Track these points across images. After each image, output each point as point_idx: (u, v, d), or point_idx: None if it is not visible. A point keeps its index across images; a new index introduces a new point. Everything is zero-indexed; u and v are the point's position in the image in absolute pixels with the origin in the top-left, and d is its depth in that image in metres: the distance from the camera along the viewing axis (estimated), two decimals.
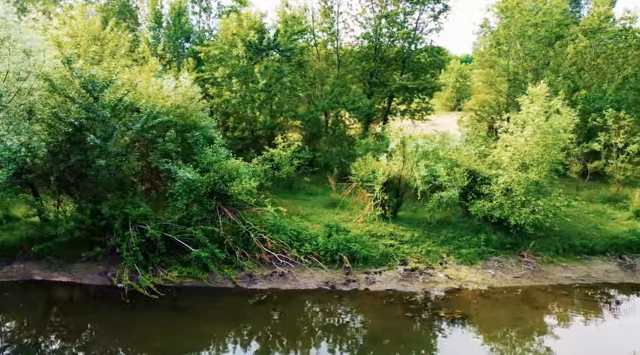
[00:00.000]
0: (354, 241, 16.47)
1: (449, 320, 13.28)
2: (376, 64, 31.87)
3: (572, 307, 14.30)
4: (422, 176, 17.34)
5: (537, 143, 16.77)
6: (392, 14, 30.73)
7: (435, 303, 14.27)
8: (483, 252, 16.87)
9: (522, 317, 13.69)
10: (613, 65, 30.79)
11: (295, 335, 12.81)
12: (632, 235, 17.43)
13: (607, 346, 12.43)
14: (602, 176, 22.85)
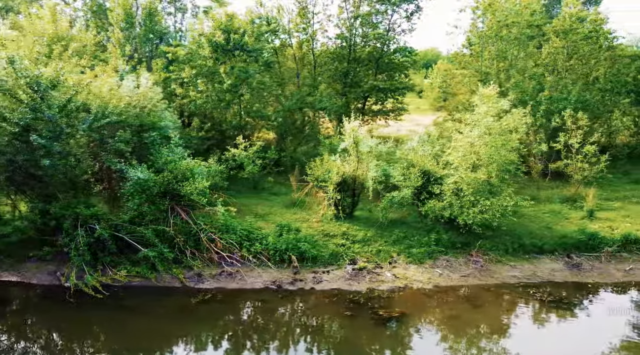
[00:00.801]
0: (303, 241, 16.62)
1: (386, 319, 13.43)
2: (350, 64, 32.05)
3: (511, 306, 14.50)
4: (374, 176, 17.49)
5: (486, 144, 16.95)
6: (365, 14, 30.93)
7: (377, 302, 14.43)
8: (433, 252, 17.04)
9: (459, 315, 13.87)
10: (586, 67, 31.11)
11: (231, 334, 12.96)
12: (580, 234, 17.62)
13: (537, 344, 12.61)
14: (563, 176, 23.04)
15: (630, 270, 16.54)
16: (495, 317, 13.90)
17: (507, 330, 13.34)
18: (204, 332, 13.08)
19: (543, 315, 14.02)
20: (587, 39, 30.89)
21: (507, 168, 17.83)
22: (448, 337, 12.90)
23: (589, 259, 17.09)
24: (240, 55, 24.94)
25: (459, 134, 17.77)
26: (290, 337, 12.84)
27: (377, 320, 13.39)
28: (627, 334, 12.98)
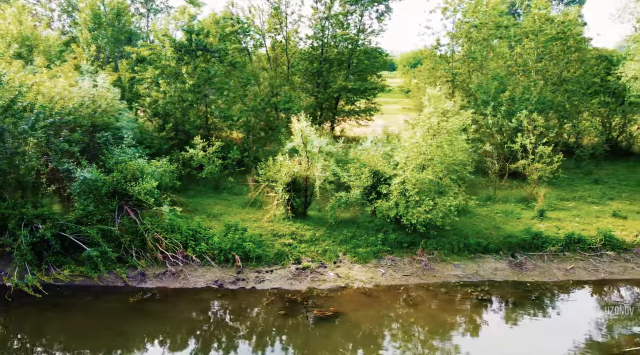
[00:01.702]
0: (248, 240, 16.74)
1: (319, 318, 13.58)
2: (320, 65, 32.21)
3: (446, 304, 14.67)
4: (321, 176, 17.63)
5: (430, 144, 17.12)
6: (334, 15, 31.10)
7: (314, 301, 14.57)
8: (378, 251, 17.19)
9: (392, 314, 14.04)
10: (557, 68, 31.36)
11: (161, 333, 13.08)
12: (525, 234, 17.81)
13: (463, 342, 12.79)
14: (522, 176, 23.23)
15: (572, 269, 16.75)
16: (428, 316, 14.06)
17: (437, 328, 13.50)
18: (136, 330, 13.19)
19: (474, 314, 14.20)
20: (556, 39, 31.15)
21: (454, 168, 18.01)
22: (377, 335, 13.05)
23: (532, 258, 17.29)
24: (204, 55, 25.02)
25: (405, 135, 17.93)
26: (217, 337, 12.96)
27: (309, 320, 13.54)
28: (549, 332, 13.18)
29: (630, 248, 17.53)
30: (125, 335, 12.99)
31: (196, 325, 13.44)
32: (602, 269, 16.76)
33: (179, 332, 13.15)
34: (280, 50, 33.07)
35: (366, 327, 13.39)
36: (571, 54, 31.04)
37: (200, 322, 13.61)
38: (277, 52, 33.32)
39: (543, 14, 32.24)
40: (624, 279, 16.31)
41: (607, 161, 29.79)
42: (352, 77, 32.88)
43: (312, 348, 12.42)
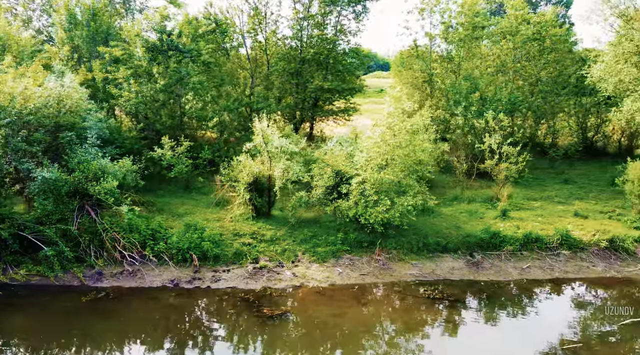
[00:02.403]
0: (207, 240, 16.83)
1: (268, 317, 13.68)
2: (299, 64, 32.27)
3: (397, 303, 14.80)
4: (282, 176, 17.74)
5: (389, 144, 17.24)
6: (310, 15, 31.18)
7: (267, 300, 14.67)
8: (337, 251, 17.31)
9: (342, 312, 14.15)
10: (535, 68, 31.56)
11: (113, 331, 13.16)
12: (484, 233, 17.95)
13: (409, 340, 12.92)
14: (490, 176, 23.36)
15: (528, 268, 16.91)
16: (376, 314, 14.19)
17: (383, 326, 13.63)
18: (87, 329, 13.25)
19: (423, 312, 14.33)
20: (532, 40, 31.33)
21: (415, 168, 18.14)
22: (323, 334, 13.15)
23: (490, 257, 17.44)
24: (176, 55, 25.07)
25: (366, 135, 18.05)
26: (163, 335, 13.03)
27: (258, 319, 13.64)
28: (491, 330, 13.33)
29: (587, 247, 17.69)
30: (75, 334, 13.05)
31: (146, 324, 13.53)
32: (558, 268, 16.92)
33: (128, 331, 13.23)
34: (259, 50, 33.16)
35: (312, 325, 13.51)
36: (548, 55, 31.20)
37: (150, 321, 13.69)
38: (256, 52, 33.42)
39: (520, 15, 32.46)
40: (578, 277, 16.49)
41: (581, 161, 30.02)
42: (330, 77, 32.97)
43: (254, 346, 12.52)
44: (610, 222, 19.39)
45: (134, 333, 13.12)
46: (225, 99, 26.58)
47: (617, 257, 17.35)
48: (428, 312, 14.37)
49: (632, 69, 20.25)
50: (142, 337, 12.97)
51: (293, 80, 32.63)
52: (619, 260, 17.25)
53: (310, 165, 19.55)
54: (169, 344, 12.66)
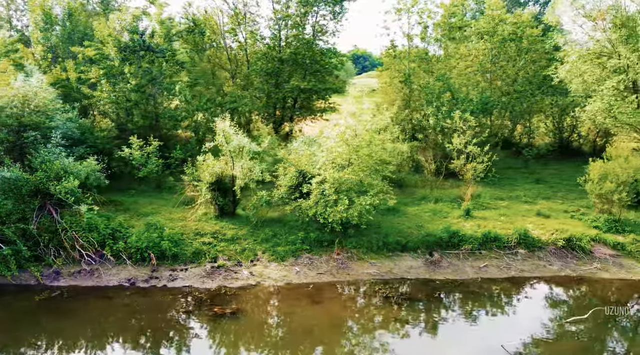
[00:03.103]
0: (166, 239, 16.92)
1: (218, 316, 13.78)
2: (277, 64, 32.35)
3: (349, 302, 14.93)
4: (242, 175, 17.85)
5: (348, 144, 17.36)
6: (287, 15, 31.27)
7: (220, 299, 14.77)
8: (297, 250, 17.42)
9: (292, 311, 14.28)
10: (514, 68, 31.72)
11: (64, 330, 13.25)
12: (443, 232, 18.07)
13: (354, 337, 13.05)
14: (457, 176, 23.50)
15: (485, 267, 17.05)
16: (326, 313, 14.28)
17: (332, 324, 13.73)
18: (40, 328, 13.34)
19: (373, 310, 14.45)
20: (508, 41, 31.48)
21: (376, 168, 18.26)
22: (270, 332, 13.28)
23: (449, 256, 17.57)
24: (149, 55, 25.15)
25: (325, 134, 18.17)
26: (110, 334, 13.13)
27: (208, 317, 13.75)
28: (437, 328, 13.47)
29: (545, 246, 17.83)
30: (26, 332, 13.13)
31: (96, 322, 13.60)
32: (515, 267, 17.06)
33: (77, 329, 13.29)
34: (239, 50, 33.25)
35: (260, 324, 13.63)
36: (525, 55, 31.36)
37: (101, 319, 13.76)
38: (236, 52, 33.51)
39: (497, 15, 32.63)
40: (533, 276, 16.63)
41: (555, 161, 30.26)
42: (309, 77, 33.07)
43: (199, 344, 12.62)
44: (572, 221, 19.53)
45: (82, 331, 13.19)
46: (198, 99, 26.67)
47: (574, 256, 17.49)
48: (378, 310, 14.48)
49: (596, 69, 20.41)
50: (90, 335, 13.04)
51: (271, 80, 32.72)
52: (575, 259, 17.39)
53: (274, 165, 19.70)
54: (114, 342, 12.75)
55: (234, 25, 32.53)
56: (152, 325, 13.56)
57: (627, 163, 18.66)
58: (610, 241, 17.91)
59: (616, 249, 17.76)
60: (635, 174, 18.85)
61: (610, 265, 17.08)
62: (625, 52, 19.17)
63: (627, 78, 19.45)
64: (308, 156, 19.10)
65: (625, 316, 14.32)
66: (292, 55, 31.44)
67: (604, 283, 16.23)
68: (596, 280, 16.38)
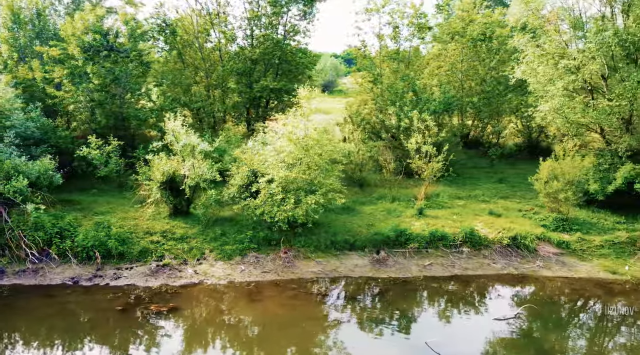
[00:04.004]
0: (113, 238, 17.02)
1: (153, 313, 13.89)
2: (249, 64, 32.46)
3: (286, 300, 15.05)
4: (192, 174, 17.96)
5: (296, 143, 17.49)
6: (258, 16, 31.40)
7: (160, 297, 14.88)
8: (245, 249, 17.54)
9: (229, 309, 14.43)
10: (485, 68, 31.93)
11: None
12: (391, 231, 18.22)
13: (282, 335, 13.19)
14: (418, 175, 23.64)
15: (429, 265, 17.21)
16: (261, 311, 14.41)
17: (262, 321, 13.88)
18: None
19: (309, 308, 14.58)
20: (479, 41, 31.70)
21: (325, 167, 18.38)
22: (201, 329, 13.41)
23: (395, 255, 17.72)
24: (113, 55, 25.21)
25: (274, 134, 18.30)
26: (44, 331, 13.24)
27: (143, 315, 13.86)
28: (364, 326, 13.63)
29: (491, 245, 18.02)
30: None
31: (32, 321, 13.70)
32: (459, 265, 17.24)
33: (14, 327, 13.39)
34: (213, 50, 33.34)
35: (193, 321, 13.76)
36: (495, 56, 31.59)
37: (37, 318, 13.86)
38: (210, 52, 33.59)
39: (467, 16, 32.85)
40: (476, 274, 16.81)
41: (523, 161, 30.38)
42: (280, 77, 33.20)
43: (128, 341, 12.74)
44: (522, 220, 19.73)
45: (18, 329, 13.29)
46: (162, 99, 26.78)
47: (518, 254, 17.68)
48: (314, 308, 14.62)
49: (549, 69, 20.57)
50: (24, 333, 13.13)
51: (244, 80, 32.83)
52: (519, 257, 17.59)
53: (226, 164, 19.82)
54: (44, 340, 12.85)
55: (206, 26, 32.63)
56: (84, 323, 13.65)
57: (573, 162, 18.84)
58: (555, 240, 18.11)
59: (561, 248, 17.96)
60: (581, 173, 19.05)
61: (553, 263, 17.28)
62: (574, 53, 19.35)
63: (577, 78, 19.62)
64: (260, 156, 19.21)
65: (554, 313, 14.53)
66: (262, 55, 31.57)
67: (544, 281, 16.42)
68: (537, 278, 16.57)
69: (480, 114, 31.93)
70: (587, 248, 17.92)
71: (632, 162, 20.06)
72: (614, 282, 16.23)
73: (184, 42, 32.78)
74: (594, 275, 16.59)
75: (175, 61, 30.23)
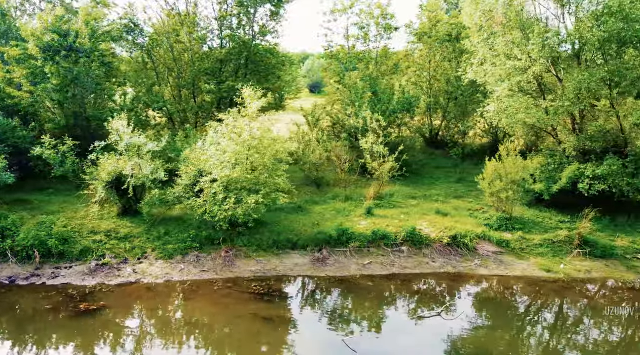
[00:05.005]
0: (54, 237, 17.10)
1: (81, 312, 13.99)
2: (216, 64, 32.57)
3: (218, 298, 15.17)
4: (137, 174, 18.08)
5: (237, 143, 17.63)
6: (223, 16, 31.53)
7: (92, 296, 14.97)
8: (187, 247, 17.65)
9: (159, 307, 14.58)
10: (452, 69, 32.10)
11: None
12: (333, 230, 18.36)
13: (208, 333, 13.33)
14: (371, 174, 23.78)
15: (369, 264, 17.37)
16: (192, 309, 14.56)
17: (191, 321, 14.01)
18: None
19: (239, 306, 14.66)
20: (445, 41, 31.91)
21: (269, 167, 18.50)
22: (127, 328, 13.53)
23: (336, 254, 17.87)
24: (72, 55, 25.28)
25: (214, 134, 18.43)
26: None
27: (71, 314, 13.95)
28: (289, 323, 13.78)
29: (432, 243, 18.18)
30: None
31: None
32: (398, 263, 17.41)
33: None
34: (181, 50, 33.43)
35: (120, 320, 13.88)
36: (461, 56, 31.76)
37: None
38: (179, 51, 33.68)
39: (433, 16, 33.07)
40: (414, 273, 16.97)
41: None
42: (250, 77, 33.31)
43: (52, 339, 12.85)
44: (467, 219, 19.91)
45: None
46: (124, 99, 26.88)
47: (457, 253, 17.85)
48: (244, 306, 14.70)
49: (497, 70, 20.75)
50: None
51: (212, 80, 32.93)
52: (458, 256, 17.76)
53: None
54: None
55: (176, 26, 32.72)
56: (6, 322, 13.73)
57: (515, 162, 19.03)
58: (495, 238, 18.30)
59: (500, 246, 18.16)
60: (525, 173, 19.26)
61: (491, 261, 17.47)
62: (519, 53, 19.53)
63: (523, 79, 19.82)
64: (206, 155, 19.33)
65: (480, 310, 14.73)
66: (228, 55, 31.70)
67: (478, 279, 16.61)
68: (472, 276, 16.76)
69: (447, 114, 32.14)
70: (526, 246, 18.12)
71: (578, 162, 20.31)
72: (546, 280, 16.42)
73: (154, 42, 32.89)
74: (528, 273, 16.78)
75: (146, 61, 30.26)
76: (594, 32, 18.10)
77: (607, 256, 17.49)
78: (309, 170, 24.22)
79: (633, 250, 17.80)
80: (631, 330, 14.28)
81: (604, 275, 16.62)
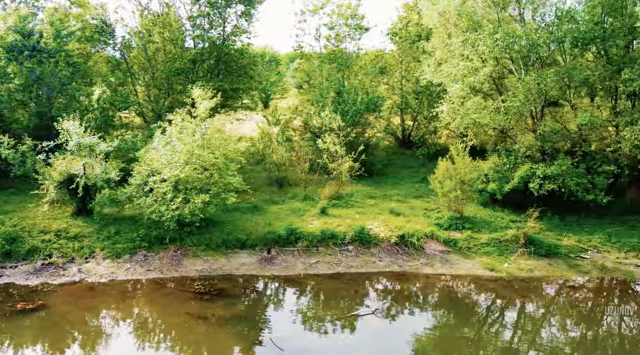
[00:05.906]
0: (0, 236, 17.15)
1: (17, 311, 14.05)
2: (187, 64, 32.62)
3: (159, 297, 15.29)
4: (87, 173, 18.15)
5: (185, 144, 17.71)
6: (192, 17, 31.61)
7: (34, 295, 15.04)
8: (135, 247, 17.73)
9: (96, 306, 14.66)
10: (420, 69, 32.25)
11: None
12: (283, 230, 18.47)
13: (143, 330, 13.42)
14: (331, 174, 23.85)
15: (315, 263, 17.47)
16: (130, 307, 14.68)
17: (128, 318, 14.13)
18: None
19: (177, 306, 14.75)
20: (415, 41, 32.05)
21: (219, 167, 18.58)
22: (60, 327, 13.60)
23: (284, 253, 17.97)
24: (39, 55, 25.33)
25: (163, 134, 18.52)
26: None
27: (6, 313, 14.01)
28: (227, 322, 13.89)
29: (381, 243, 18.30)
30: None
31: None
32: (345, 263, 17.51)
33: None
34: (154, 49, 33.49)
35: (55, 319, 13.93)
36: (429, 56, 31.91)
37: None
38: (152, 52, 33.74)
39: (405, 17, 33.26)
40: (359, 272, 17.09)
41: None
42: (222, 77, 33.39)
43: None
44: (420, 219, 20.03)
45: None
46: (89, 100, 26.95)
47: (405, 252, 17.98)
48: (182, 305, 14.77)
49: (452, 70, 20.90)
50: None
51: (184, 80, 32.98)
52: (406, 255, 17.88)
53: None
54: None
55: (149, 26, 32.76)
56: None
57: (465, 162, 19.17)
58: (442, 238, 18.43)
59: (448, 246, 18.29)
60: (477, 173, 19.41)
61: (437, 261, 17.60)
62: (470, 54, 19.70)
63: (477, 79, 19.97)
64: (158, 154, 19.41)
65: (417, 309, 14.87)
66: (198, 55, 31.77)
67: (421, 278, 16.74)
68: (416, 275, 16.88)
69: (416, 114, 32.28)
70: (474, 246, 18.26)
71: (532, 162, 20.47)
72: (489, 279, 16.56)
73: (126, 42, 32.94)
74: (472, 273, 16.92)
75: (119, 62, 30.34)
76: (541, 34, 18.27)
77: (552, 255, 17.64)
78: (271, 170, 24.34)
79: (578, 249, 17.95)
80: (568, 325, 14.43)
81: (546, 274, 16.76)
